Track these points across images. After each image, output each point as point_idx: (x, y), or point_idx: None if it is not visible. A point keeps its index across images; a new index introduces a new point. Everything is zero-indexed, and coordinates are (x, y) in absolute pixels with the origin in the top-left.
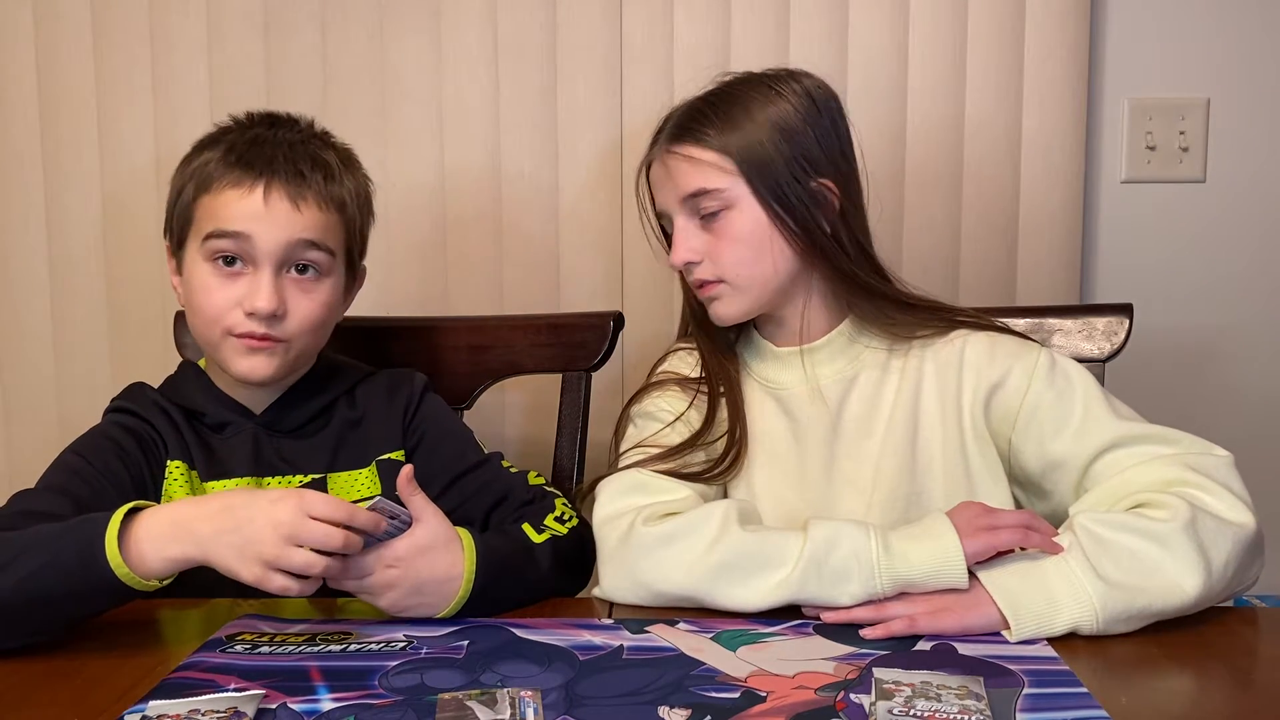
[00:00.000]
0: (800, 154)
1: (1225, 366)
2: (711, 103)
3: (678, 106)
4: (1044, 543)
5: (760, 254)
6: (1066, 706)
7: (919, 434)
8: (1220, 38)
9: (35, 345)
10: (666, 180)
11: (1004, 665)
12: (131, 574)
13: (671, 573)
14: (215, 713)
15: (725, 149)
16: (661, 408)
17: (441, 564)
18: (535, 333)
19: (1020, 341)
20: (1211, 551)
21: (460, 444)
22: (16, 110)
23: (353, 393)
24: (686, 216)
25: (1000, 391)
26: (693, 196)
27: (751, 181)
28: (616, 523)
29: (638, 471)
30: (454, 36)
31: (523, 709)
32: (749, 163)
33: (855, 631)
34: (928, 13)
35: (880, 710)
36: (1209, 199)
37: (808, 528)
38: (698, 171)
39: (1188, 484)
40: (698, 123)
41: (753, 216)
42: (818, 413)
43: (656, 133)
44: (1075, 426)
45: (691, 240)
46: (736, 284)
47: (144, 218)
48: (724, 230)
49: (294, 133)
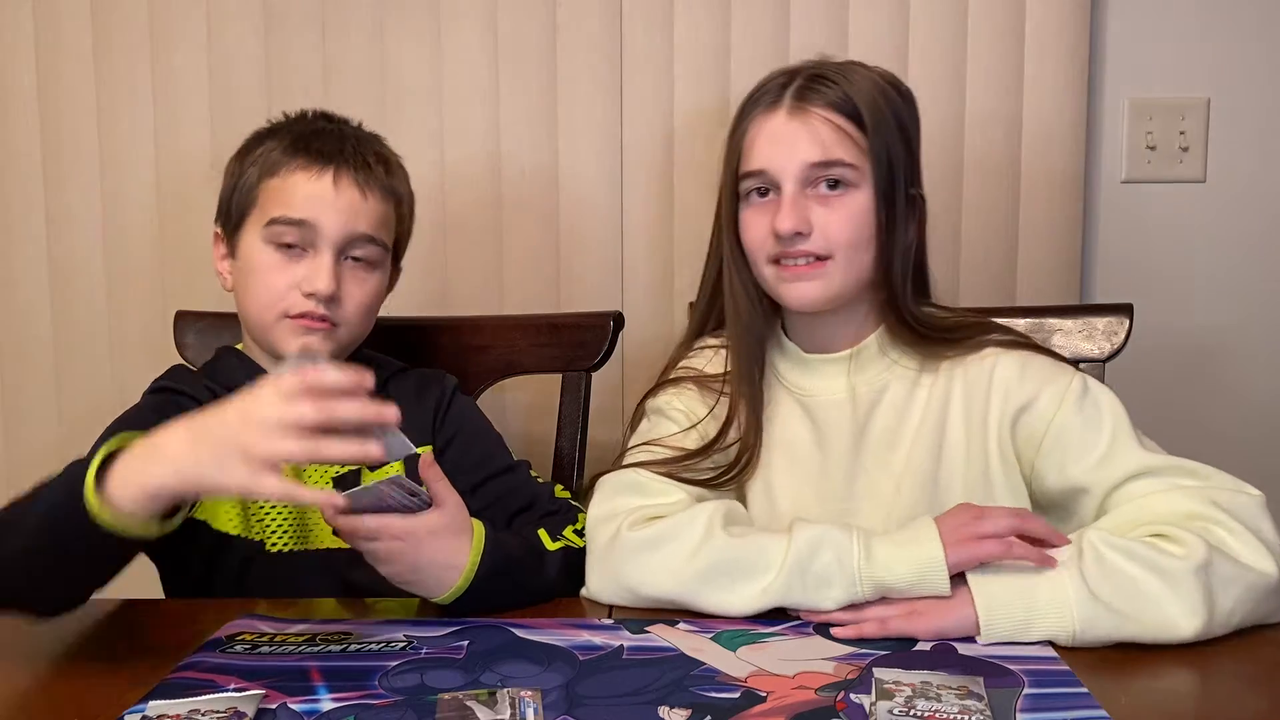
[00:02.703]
0: (911, 158)
1: (1225, 366)
2: (844, 75)
3: (807, 64)
4: (1029, 554)
5: (864, 243)
6: (1066, 706)
7: (943, 450)
8: (1220, 38)
9: (35, 345)
10: (791, 138)
11: (1004, 665)
12: (108, 512)
13: (656, 577)
14: (215, 713)
15: (865, 127)
16: (676, 407)
17: (446, 551)
18: (535, 333)
19: (1054, 364)
20: (1220, 598)
21: (491, 447)
22: (16, 110)
23: (385, 387)
24: (800, 184)
25: (1027, 414)
26: (824, 164)
27: (877, 170)
28: (607, 524)
29: (636, 472)
30: (454, 36)
31: (523, 709)
32: (880, 151)
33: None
34: (928, 13)
35: (880, 710)
36: (1209, 199)
37: (792, 531)
38: (840, 140)
39: (1210, 520)
40: (841, 89)
41: (868, 205)
42: (844, 422)
43: (779, 85)
44: (1100, 454)
45: (803, 209)
46: (840, 264)
47: (144, 217)
48: (843, 206)
49: (356, 129)
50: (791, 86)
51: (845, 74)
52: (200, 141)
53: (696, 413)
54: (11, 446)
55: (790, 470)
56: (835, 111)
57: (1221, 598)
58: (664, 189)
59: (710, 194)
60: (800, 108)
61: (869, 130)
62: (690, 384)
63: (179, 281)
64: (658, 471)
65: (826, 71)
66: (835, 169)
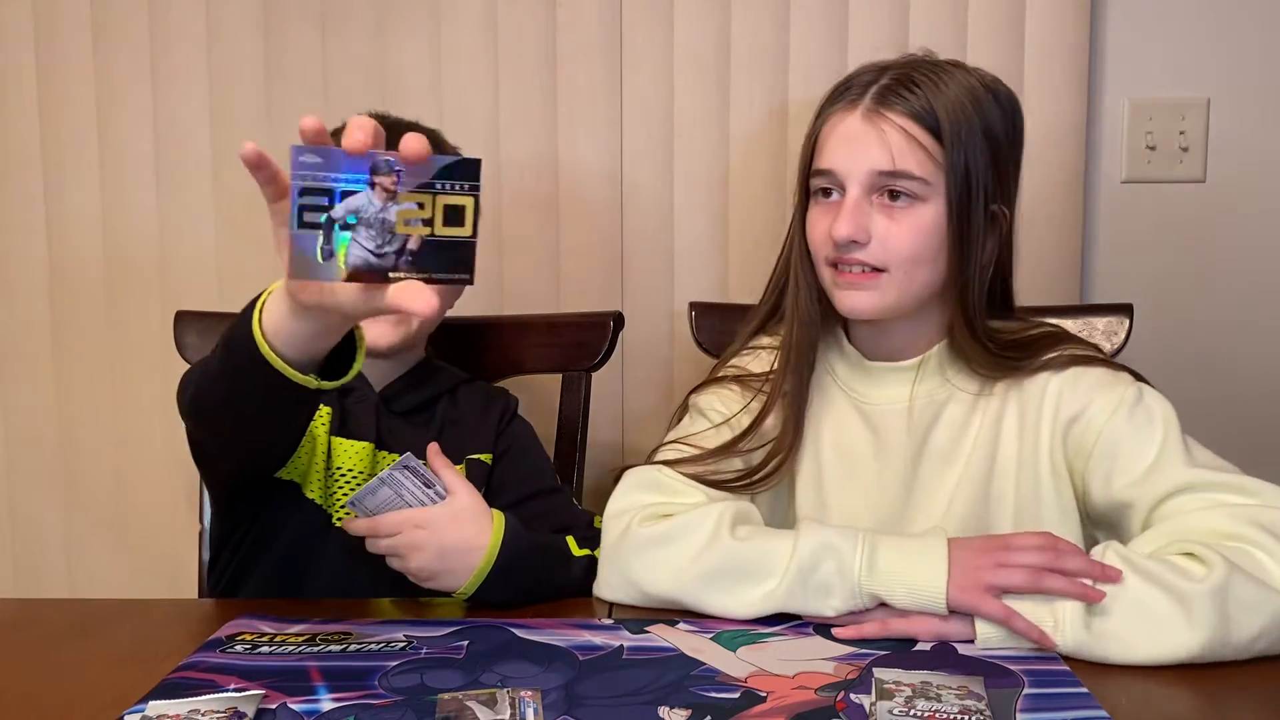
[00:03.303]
0: (996, 172)
1: (1225, 366)
2: (934, 80)
3: (890, 63)
4: (1057, 588)
5: (927, 258)
6: (1066, 706)
7: (996, 467)
8: (1220, 38)
9: (35, 345)
10: (862, 142)
11: (1004, 665)
12: (263, 339)
13: (660, 575)
14: (215, 713)
15: (942, 139)
16: (715, 407)
17: (469, 531)
18: (535, 333)
19: (1110, 373)
20: (1238, 623)
21: (540, 466)
22: (16, 110)
23: (455, 392)
24: (864, 190)
25: (1078, 424)
26: (891, 174)
27: (951, 185)
28: (620, 519)
29: (660, 470)
30: (454, 36)
31: (523, 709)
32: (957, 165)
33: None
34: (928, 13)
35: (880, 710)
36: (1209, 199)
37: (798, 536)
38: (912, 151)
39: (1248, 541)
40: (924, 97)
41: (936, 219)
42: (903, 433)
43: (863, 83)
44: (1146, 466)
45: (863, 217)
46: (896, 278)
47: (144, 217)
48: (906, 219)
49: (409, 125)
50: (875, 86)
51: (936, 78)
52: (200, 141)
53: (734, 412)
54: (12, 446)
55: (846, 477)
56: (913, 120)
57: (1240, 623)
58: (664, 189)
59: (710, 194)
60: (877, 111)
61: (946, 143)
62: (733, 383)
63: (179, 281)
64: (684, 472)
65: (916, 74)
66: (901, 180)
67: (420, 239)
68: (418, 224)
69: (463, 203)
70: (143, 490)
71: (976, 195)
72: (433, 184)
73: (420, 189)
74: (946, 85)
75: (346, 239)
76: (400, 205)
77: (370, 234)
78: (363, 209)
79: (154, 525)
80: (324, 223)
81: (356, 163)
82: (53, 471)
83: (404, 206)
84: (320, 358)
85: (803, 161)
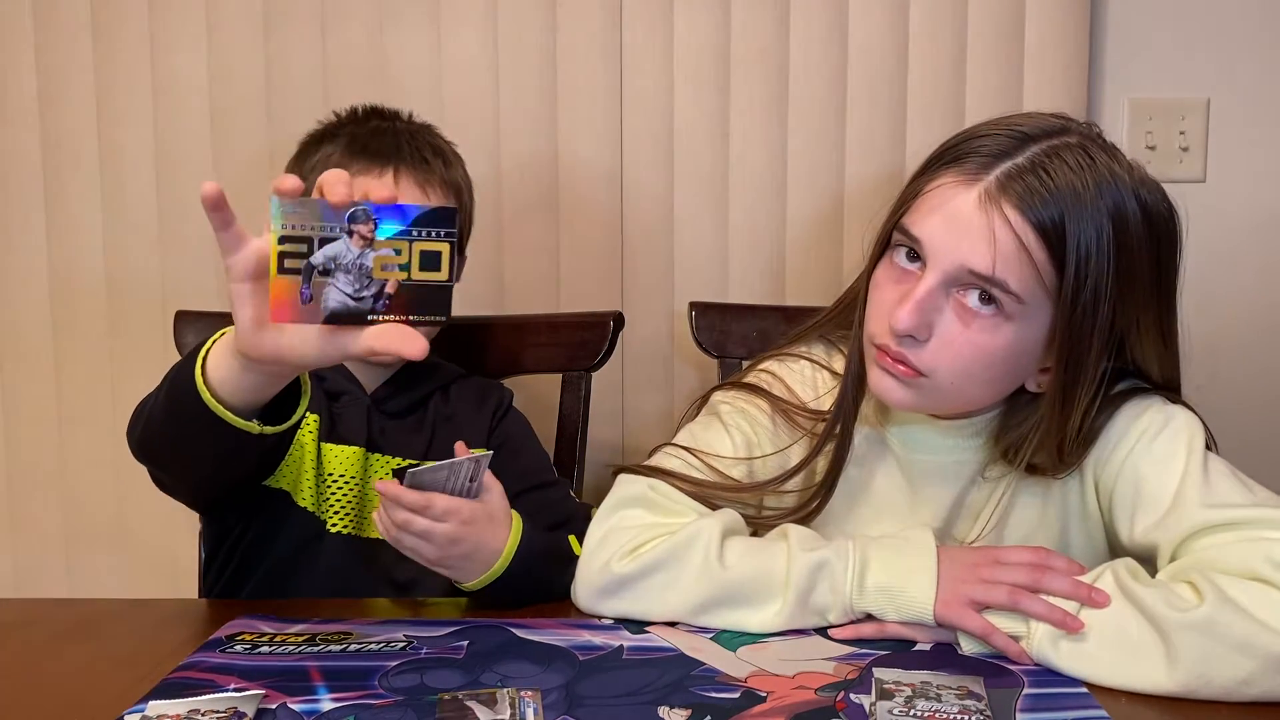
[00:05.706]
0: (1125, 302)
1: (1225, 366)
2: (1077, 183)
3: (1030, 132)
4: (1036, 610)
5: (992, 377)
6: (1066, 706)
7: (1011, 518)
8: (1220, 38)
9: (35, 345)
10: (966, 230)
11: (1004, 665)
12: (206, 388)
13: (652, 608)
14: (215, 713)
15: (1062, 268)
16: (739, 425)
17: (498, 536)
18: (535, 333)
19: (1139, 401)
20: (1224, 661)
21: (537, 460)
22: (16, 110)
23: (447, 390)
24: (943, 282)
25: (1101, 465)
26: (984, 278)
27: (1058, 322)
28: (599, 552)
29: (654, 485)
30: (454, 36)
31: (523, 709)
32: (1073, 305)
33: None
34: (928, 13)
35: (880, 710)
36: (1209, 199)
37: (790, 552)
38: (1020, 263)
39: (1267, 581)
40: (1056, 205)
41: (1022, 344)
42: (941, 493)
43: (993, 155)
44: (1167, 508)
45: (933, 312)
46: (940, 385)
47: (144, 217)
48: (980, 331)
49: (409, 123)
50: (1003, 166)
51: (1079, 181)
52: (200, 141)
53: (760, 445)
54: (11, 446)
55: (873, 520)
56: (1032, 229)
57: (1226, 662)
58: (664, 189)
59: (709, 194)
60: (996, 200)
61: (1064, 269)
62: (766, 404)
63: (179, 281)
64: (684, 490)
65: (1056, 165)
66: (989, 287)
67: (397, 283)
68: (394, 269)
69: (439, 249)
70: (143, 490)
71: (1095, 334)
72: (409, 231)
73: (398, 236)
74: (1091, 194)
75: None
76: (378, 251)
77: (348, 279)
78: (340, 255)
79: (154, 525)
80: (303, 268)
81: (335, 213)
82: (52, 472)
83: (381, 253)
84: (265, 403)
85: (895, 206)
